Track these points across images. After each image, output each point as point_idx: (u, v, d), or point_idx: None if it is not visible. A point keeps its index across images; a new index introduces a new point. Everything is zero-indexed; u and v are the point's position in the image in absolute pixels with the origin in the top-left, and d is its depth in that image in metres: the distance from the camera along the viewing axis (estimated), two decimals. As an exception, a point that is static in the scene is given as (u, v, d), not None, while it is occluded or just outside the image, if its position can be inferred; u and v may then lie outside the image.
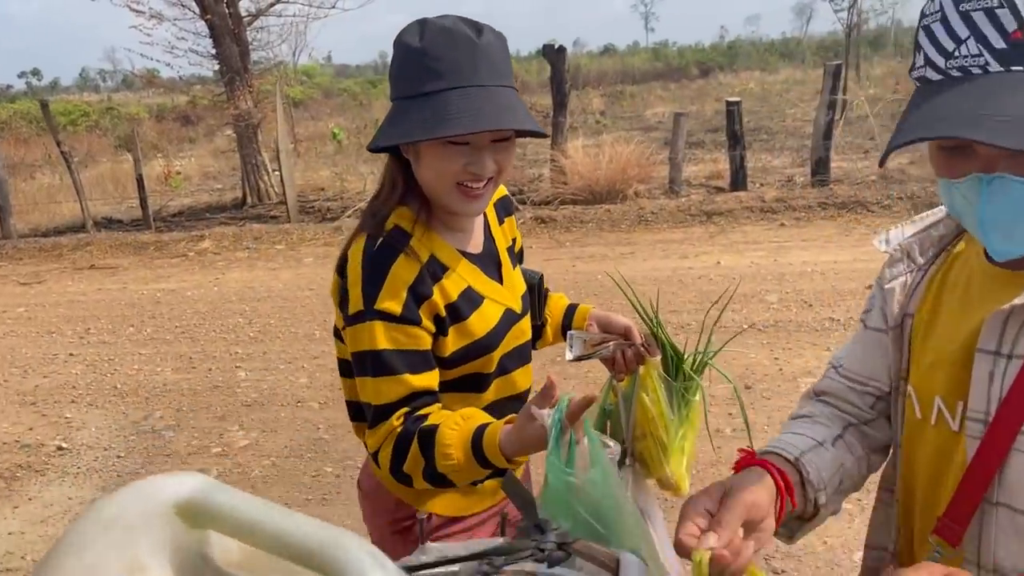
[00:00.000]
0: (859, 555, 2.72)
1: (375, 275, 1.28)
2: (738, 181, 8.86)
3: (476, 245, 1.43)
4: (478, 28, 1.25)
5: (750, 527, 0.92)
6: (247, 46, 10.90)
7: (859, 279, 5.72)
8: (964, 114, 0.80)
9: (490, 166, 1.27)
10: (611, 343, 1.44)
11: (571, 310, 1.67)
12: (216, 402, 4.67)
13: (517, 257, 1.59)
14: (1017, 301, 0.89)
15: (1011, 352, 0.90)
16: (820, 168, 8.62)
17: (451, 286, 1.34)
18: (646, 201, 8.65)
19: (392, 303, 1.26)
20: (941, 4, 0.84)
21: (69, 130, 22.70)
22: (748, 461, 1.03)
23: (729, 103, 8.91)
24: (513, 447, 1.23)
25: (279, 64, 11.72)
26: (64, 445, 4.26)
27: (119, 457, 4.07)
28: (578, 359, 1.44)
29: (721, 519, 0.89)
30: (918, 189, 7.82)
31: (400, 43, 1.26)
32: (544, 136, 1.32)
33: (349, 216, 9.41)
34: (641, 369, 1.38)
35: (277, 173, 10.82)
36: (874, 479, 1.18)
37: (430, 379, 1.32)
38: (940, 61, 0.84)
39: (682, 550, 0.88)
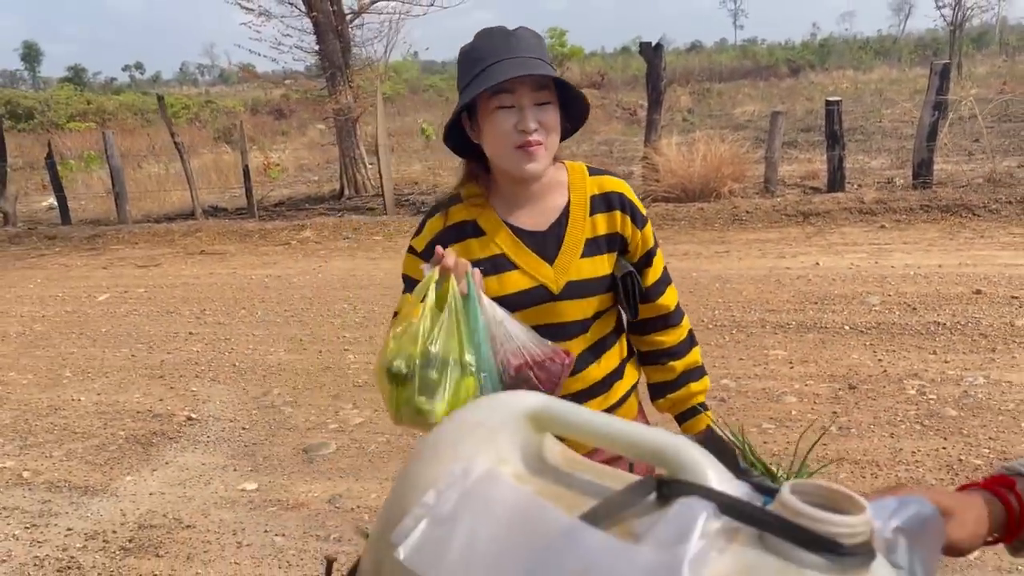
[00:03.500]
0: None
1: (419, 226, 1.60)
2: (835, 182, 8.73)
3: (535, 224, 1.54)
4: (514, 28, 1.47)
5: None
6: (349, 43, 11.29)
7: (966, 283, 5.61)
8: None
9: (533, 123, 1.42)
10: None
11: (685, 416, 1.68)
12: (329, 382, 4.93)
13: (644, 259, 1.60)
14: None
15: None
16: (922, 170, 8.42)
17: (479, 247, 1.52)
18: (740, 200, 8.61)
19: (416, 242, 1.58)
20: None
21: (172, 123, 23.77)
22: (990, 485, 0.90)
23: (829, 102, 8.79)
24: None
25: (378, 60, 12.06)
26: (193, 416, 4.58)
27: (244, 429, 4.35)
28: None
29: None
30: (1028, 193, 7.57)
31: (459, 54, 1.52)
32: (575, 88, 1.45)
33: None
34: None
35: (373, 167, 11.18)
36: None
37: None
38: None
39: None
